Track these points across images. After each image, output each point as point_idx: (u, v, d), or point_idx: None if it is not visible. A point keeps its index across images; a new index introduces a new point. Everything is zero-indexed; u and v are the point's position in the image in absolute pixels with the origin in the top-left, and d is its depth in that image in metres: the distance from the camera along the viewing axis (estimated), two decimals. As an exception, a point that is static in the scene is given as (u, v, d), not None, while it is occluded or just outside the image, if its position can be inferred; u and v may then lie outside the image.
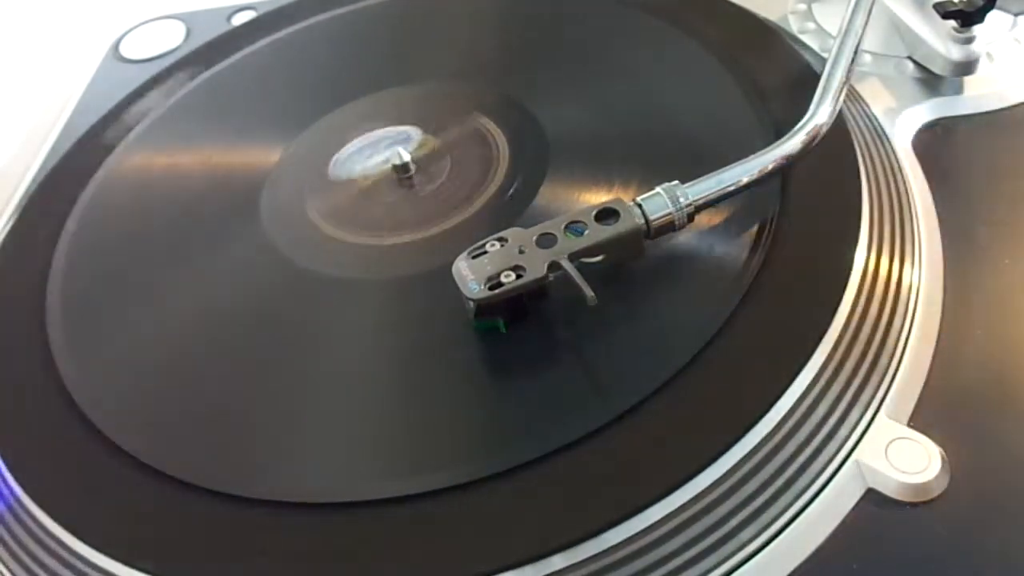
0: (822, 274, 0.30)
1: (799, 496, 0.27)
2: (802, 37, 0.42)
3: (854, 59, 0.35)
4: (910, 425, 0.28)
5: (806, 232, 0.31)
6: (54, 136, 0.48)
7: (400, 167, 0.38)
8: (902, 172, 0.34)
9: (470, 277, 0.29)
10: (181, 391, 0.32)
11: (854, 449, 0.27)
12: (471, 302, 0.29)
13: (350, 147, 0.40)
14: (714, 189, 0.31)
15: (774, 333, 0.29)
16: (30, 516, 0.30)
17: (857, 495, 0.27)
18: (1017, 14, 0.39)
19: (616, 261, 0.31)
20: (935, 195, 0.34)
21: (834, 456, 0.27)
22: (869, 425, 0.28)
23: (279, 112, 0.44)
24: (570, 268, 0.29)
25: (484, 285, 0.29)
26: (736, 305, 0.29)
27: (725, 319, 0.29)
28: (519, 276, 0.29)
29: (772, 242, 0.31)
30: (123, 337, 0.34)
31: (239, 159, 0.42)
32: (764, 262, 0.30)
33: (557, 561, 0.25)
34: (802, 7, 0.43)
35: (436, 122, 0.40)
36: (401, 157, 0.38)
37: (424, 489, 0.27)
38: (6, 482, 0.31)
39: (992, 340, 0.30)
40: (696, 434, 0.27)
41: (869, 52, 0.40)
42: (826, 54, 0.36)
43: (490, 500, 0.26)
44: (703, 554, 0.26)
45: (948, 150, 0.36)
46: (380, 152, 0.39)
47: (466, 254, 0.30)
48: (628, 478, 0.26)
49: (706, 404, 0.27)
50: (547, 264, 0.29)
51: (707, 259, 0.31)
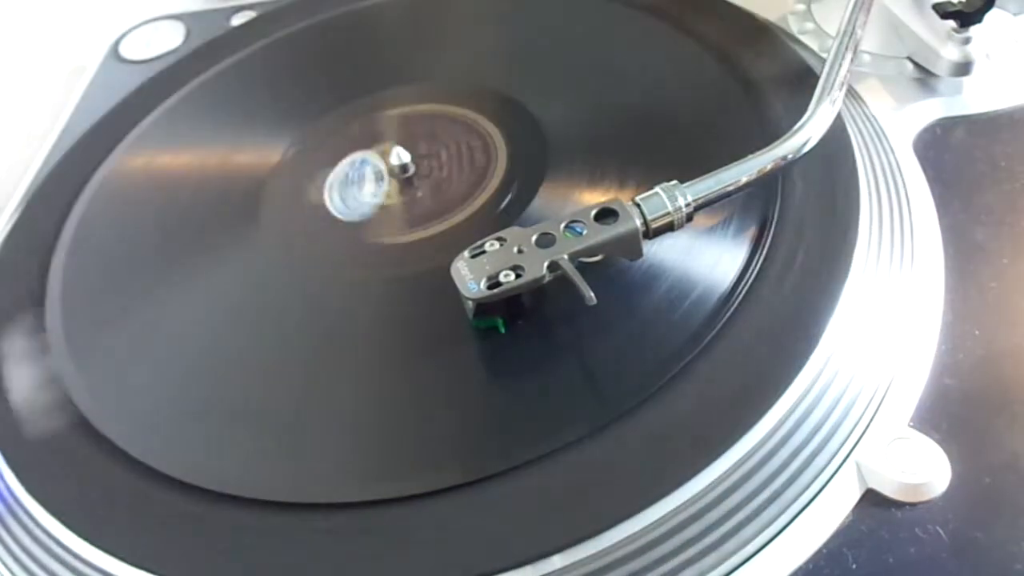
0: (821, 274, 0.30)
1: (799, 496, 0.27)
2: (801, 37, 0.42)
3: (853, 59, 0.35)
4: (910, 425, 0.28)
5: (805, 232, 0.31)
6: (54, 136, 0.48)
7: (399, 167, 0.38)
8: (901, 172, 0.34)
9: (469, 277, 0.29)
10: (181, 390, 0.32)
11: (854, 449, 0.27)
12: (470, 301, 0.29)
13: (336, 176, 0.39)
14: (713, 189, 0.31)
15: (774, 333, 0.29)
16: (30, 516, 0.30)
17: (857, 495, 0.27)
18: (1016, 14, 0.39)
19: (615, 260, 0.31)
20: (934, 195, 0.34)
21: (834, 456, 0.27)
22: (869, 425, 0.28)
23: (279, 112, 0.44)
24: (569, 268, 0.29)
25: (483, 285, 0.29)
26: (736, 305, 0.29)
27: (725, 319, 0.29)
28: (518, 276, 0.29)
29: (771, 242, 0.31)
30: (123, 337, 0.34)
31: (239, 159, 0.42)
32: (763, 262, 0.30)
33: (557, 561, 0.25)
34: (801, 7, 0.43)
35: (436, 122, 0.40)
36: (400, 158, 0.38)
37: (424, 489, 0.27)
38: (6, 482, 0.31)
39: (992, 340, 0.30)
40: (696, 434, 0.27)
41: (868, 52, 0.40)
42: (825, 54, 0.36)
43: (490, 500, 0.26)
44: (703, 554, 0.26)
45: (947, 150, 0.36)
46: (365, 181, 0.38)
47: (465, 254, 0.30)
48: (628, 478, 0.26)
49: (706, 404, 0.27)
50: (546, 264, 0.29)
51: (705, 259, 0.31)
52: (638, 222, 0.30)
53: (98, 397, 0.32)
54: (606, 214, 0.30)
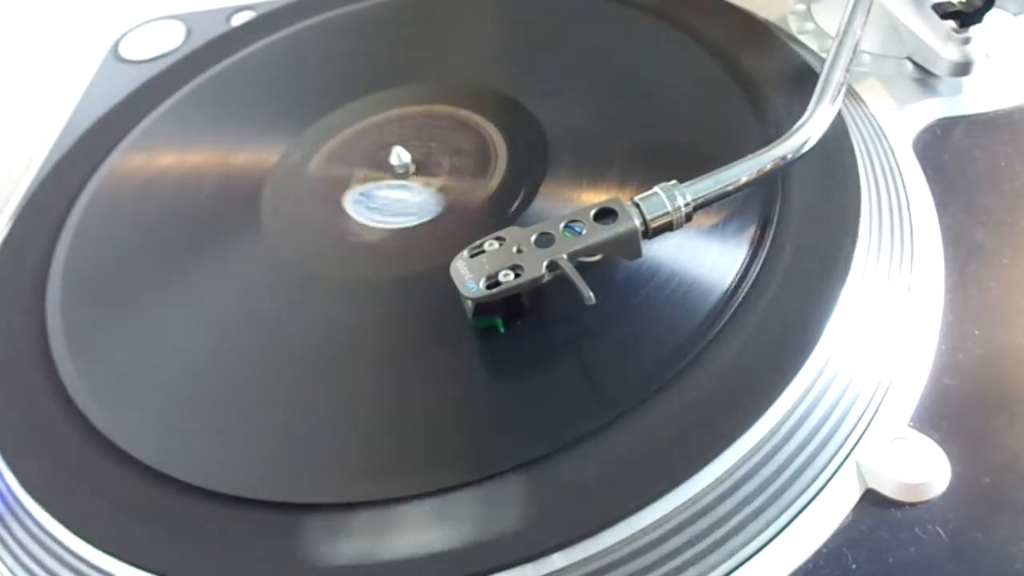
0: (821, 274, 0.30)
1: (799, 496, 0.27)
2: (801, 37, 0.42)
3: (853, 59, 0.35)
4: (910, 425, 0.28)
5: (805, 232, 0.31)
6: (54, 136, 0.48)
7: (399, 167, 0.38)
8: (901, 172, 0.34)
9: (468, 276, 0.29)
10: (180, 390, 0.32)
11: (854, 449, 0.27)
12: (469, 301, 0.29)
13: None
14: (712, 189, 0.31)
15: (774, 332, 0.29)
16: (30, 516, 0.30)
17: (857, 495, 0.27)
18: (1016, 14, 0.39)
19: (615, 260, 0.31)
20: (934, 195, 0.34)
21: (834, 456, 0.27)
22: (869, 425, 0.28)
23: (279, 112, 0.44)
24: (568, 268, 0.29)
25: (482, 284, 0.29)
26: (736, 305, 0.29)
27: (725, 319, 0.29)
28: (517, 275, 0.29)
29: (771, 242, 0.31)
30: (123, 337, 0.34)
31: (239, 159, 0.42)
32: (763, 262, 0.30)
33: (557, 560, 0.25)
34: (801, 7, 0.43)
35: (436, 122, 0.40)
36: (399, 157, 0.38)
37: (424, 489, 0.27)
38: (6, 482, 0.31)
39: (992, 340, 0.30)
40: (695, 434, 0.27)
41: (868, 52, 0.40)
42: (825, 54, 0.36)
43: (489, 499, 0.26)
44: (703, 554, 0.26)
45: (947, 150, 0.36)
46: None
47: (464, 253, 0.30)
48: (627, 477, 0.26)
49: (705, 404, 0.27)
50: (545, 263, 0.29)
51: (705, 259, 0.31)
52: (637, 222, 0.30)
53: (98, 397, 0.32)
54: (605, 214, 0.30)
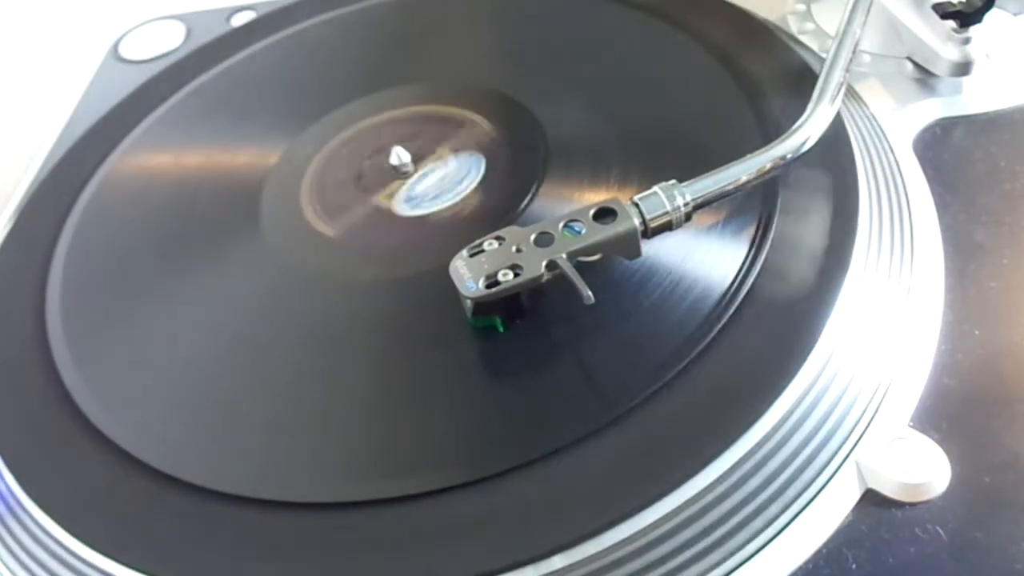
0: (821, 273, 0.30)
1: (799, 496, 0.27)
2: (801, 37, 0.42)
3: (853, 59, 0.35)
4: (910, 425, 0.28)
5: (805, 232, 0.31)
6: (54, 136, 0.48)
7: (399, 167, 0.38)
8: (901, 172, 0.34)
9: (467, 276, 0.29)
10: (180, 390, 0.32)
11: (854, 449, 0.27)
12: (468, 300, 0.29)
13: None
14: (712, 189, 0.31)
15: (773, 332, 0.29)
16: (30, 516, 0.30)
17: (857, 495, 0.27)
18: (1016, 14, 0.39)
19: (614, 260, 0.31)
20: (934, 195, 0.34)
21: (834, 456, 0.27)
22: (869, 425, 0.28)
23: (279, 112, 0.44)
24: (567, 267, 0.29)
25: (481, 284, 0.29)
26: (735, 305, 0.29)
27: (724, 319, 0.29)
28: (516, 275, 0.29)
29: (770, 242, 0.31)
30: (123, 337, 0.34)
31: (239, 159, 0.42)
32: (763, 262, 0.30)
33: (557, 561, 0.25)
34: (801, 7, 0.43)
35: (435, 122, 0.40)
36: (399, 157, 0.38)
37: (423, 489, 0.27)
38: (6, 482, 0.31)
39: (991, 340, 0.30)
40: (695, 434, 0.27)
41: (868, 52, 0.40)
42: (825, 54, 0.36)
43: (489, 499, 0.26)
44: (703, 554, 0.26)
45: (947, 150, 0.36)
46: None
47: (464, 253, 0.30)
48: (627, 477, 0.26)
49: (705, 404, 0.27)
50: (544, 263, 0.29)
51: (705, 259, 0.31)
52: (636, 221, 0.30)
53: (98, 396, 0.32)
54: (605, 213, 0.30)
